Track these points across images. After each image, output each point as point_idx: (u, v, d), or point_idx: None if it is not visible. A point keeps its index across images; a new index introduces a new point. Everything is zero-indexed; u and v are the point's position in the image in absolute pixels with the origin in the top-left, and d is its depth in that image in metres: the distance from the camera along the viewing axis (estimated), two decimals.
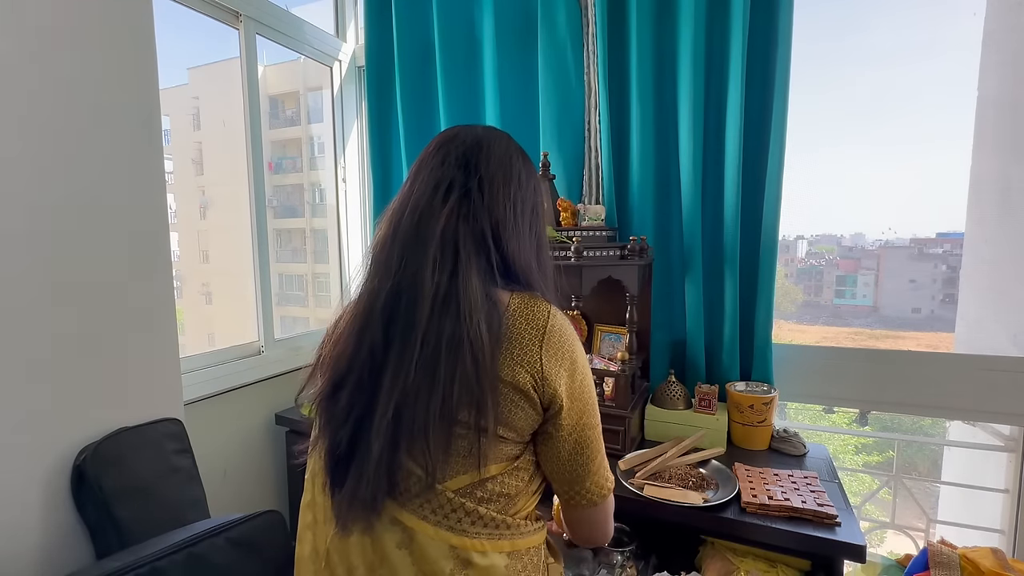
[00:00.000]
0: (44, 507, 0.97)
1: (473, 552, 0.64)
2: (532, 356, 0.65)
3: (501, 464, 0.66)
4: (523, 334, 0.65)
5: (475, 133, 0.76)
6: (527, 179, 0.75)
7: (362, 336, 0.65)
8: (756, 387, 1.41)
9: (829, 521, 1.01)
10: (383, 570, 0.64)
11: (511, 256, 0.70)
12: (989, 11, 1.51)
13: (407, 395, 0.61)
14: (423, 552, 0.63)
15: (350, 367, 0.65)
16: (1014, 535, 1.44)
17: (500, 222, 0.70)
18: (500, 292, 0.68)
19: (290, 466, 1.70)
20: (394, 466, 0.62)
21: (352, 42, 2.06)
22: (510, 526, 0.67)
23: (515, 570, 0.66)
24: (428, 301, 0.63)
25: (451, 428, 0.62)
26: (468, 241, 0.67)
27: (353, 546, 0.65)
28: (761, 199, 1.42)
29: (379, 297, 0.66)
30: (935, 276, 2.04)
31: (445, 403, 0.61)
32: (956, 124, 1.61)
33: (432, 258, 0.65)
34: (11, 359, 0.93)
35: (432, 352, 0.62)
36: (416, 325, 0.63)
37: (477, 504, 0.65)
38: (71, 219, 1.01)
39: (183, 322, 2.22)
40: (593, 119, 1.57)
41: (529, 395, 0.65)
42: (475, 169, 0.71)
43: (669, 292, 1.53)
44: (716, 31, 1.41)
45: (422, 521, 0.63)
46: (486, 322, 0.63)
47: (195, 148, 2.37)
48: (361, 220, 2.12)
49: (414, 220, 0.67)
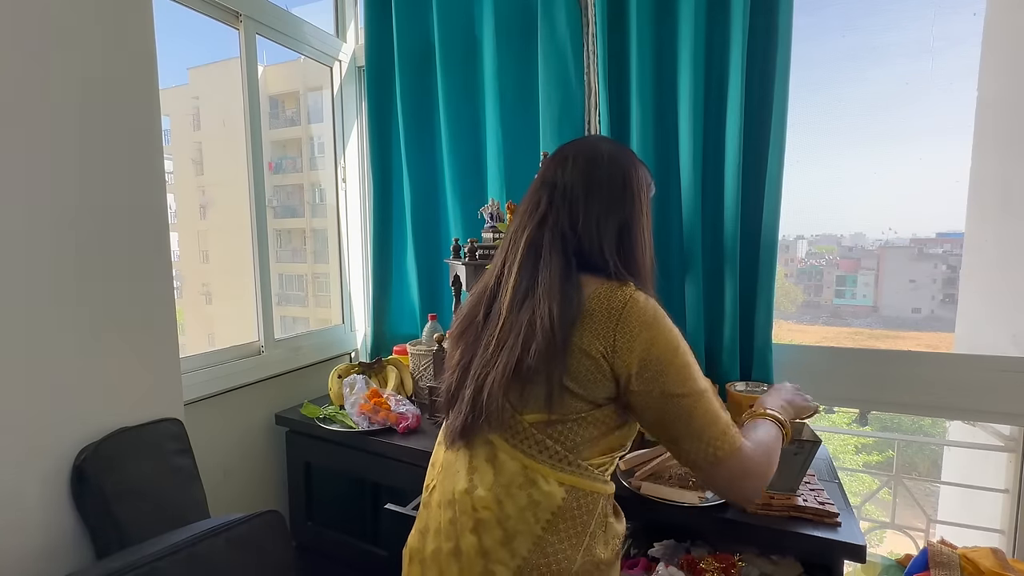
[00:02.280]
0: (44, 507, 0.98)
1: (538, 475, 0.79)
2: (607, 332, 0.78)
3: (571, 413, 0.80)
4: (599, 314, 0.79)
5: (567, 149, 0.92)
6: (609, 180, 0.87)
7: (472, 312, 0.90)
8: (756, 387, 1.40)
9: (830, 520, 1.00)
10: (476, 476, 0.82)
11: (587, 251, 0.84)
12: (989, 11, 1.51)
13: (487, 360, 0.82)
14: (502, 467, 0.80)
15: (463, 332, 0.89)
16: (1014, 535, 1.44)
17: (576, 221, 0.85)
18: (587, 279, 0.82)
19: (290, 466, 1.70)
20: (479, 402, 0.81)
21: (352, 42, 2.06)
22: (571, 463, 0.80)
23: (570, 505, 0.79)
24: (510, 291, 0.84)
25: (529, 376, 0.79)
26: (549, 243, 0.84)
27: (458, 457, 0.85)
28: (761, 199, 1.42)
29: (487, 287, 0.90)
30: (935, 276, 2.04)
31: (519, 362, 0.78)
32: (956, 124, 1.60)
33: (520, 259, 0.85)
34: (11, 359, 0.93)
35: (509, 332, 0.81)
36: (501, 309, 0.84)
37: (546, 437, 0.80)
38: (71, 219, 1.01)
39: (183, 322, 2.22)
40: (593, 119, 1.56)
41: (599, 363, 0.78)
42: (558, 182, 0.88)
43: (669, 292, 1.53)
44: (716, 31, 1.41)
45: (504, 442, 0.81)
46: (559, 306, 0.78)
47: (195, 148, 2.37)
48: (361, 220, 2.12)
49: (513, 229, 0.90)
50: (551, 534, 0.77)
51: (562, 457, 0.79)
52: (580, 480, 0.80)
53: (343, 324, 2.10)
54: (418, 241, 1.86)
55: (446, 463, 0.87)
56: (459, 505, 0.82)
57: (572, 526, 0.79)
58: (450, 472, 0.85)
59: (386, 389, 1.62)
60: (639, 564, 1.13)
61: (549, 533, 0.77)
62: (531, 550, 0.77)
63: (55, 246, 0.99)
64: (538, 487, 0.78)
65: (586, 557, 0.79)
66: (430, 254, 1.89)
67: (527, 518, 0.77)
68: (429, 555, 0.84)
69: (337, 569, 1.64)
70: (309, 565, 1.67)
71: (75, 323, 1.02)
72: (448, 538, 0.82)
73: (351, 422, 1.52)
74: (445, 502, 0.84)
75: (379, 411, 1.50)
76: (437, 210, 1.90)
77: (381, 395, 1.56)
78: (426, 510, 0.89)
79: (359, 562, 1.58)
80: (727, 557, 1.07)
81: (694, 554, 1.11)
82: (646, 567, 1.12)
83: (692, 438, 0.79)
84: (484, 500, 0.79)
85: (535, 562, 0.77)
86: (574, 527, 0.79)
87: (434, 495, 0.88)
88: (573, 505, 0.79)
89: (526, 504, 0.78)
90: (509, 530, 0.78)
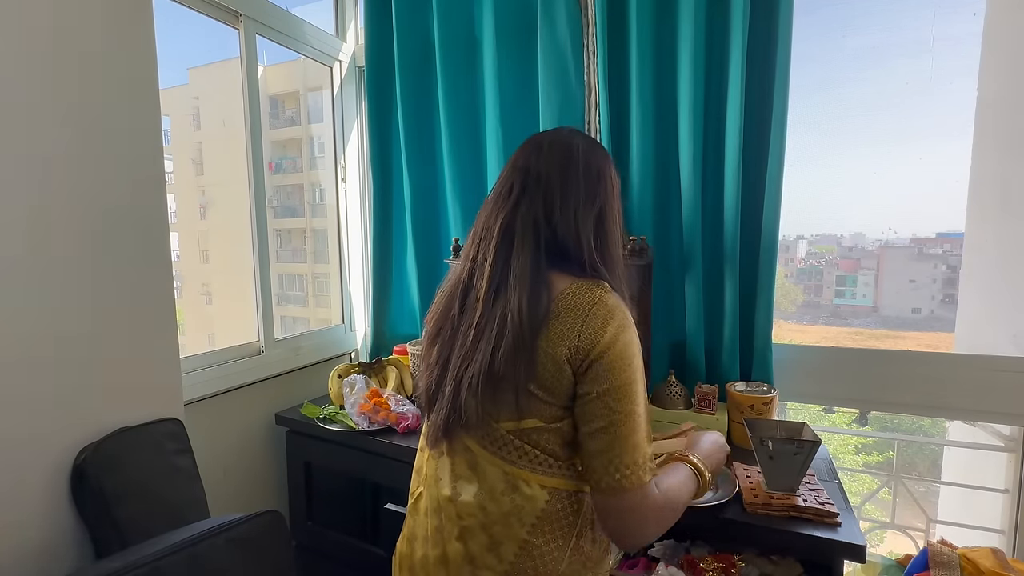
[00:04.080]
0: (44, 507, 0.98)
1: (520, 480, 0.78)
2: (572, 332, 0.76)
3: (541, 420, 0.78)
4: (567, 314, 0.77)
5: (540, 137, 0.89)
6: (585, 171, 0.84)
7: (448, 305, 0.86)
8: (756, 387, 1.41)
9: (830, 520, 1.00)
10: (459, 483, 0.81)
11: (562, 241, 0.81)
12: (989, 11, 1.51)
13: (466, 354, 0.79)
14: (484, 473, 0.79)
15: (439, 329, 0.86)
16: (1014, 535, 1.44)
17: (551, 211, 0.82)
18: (557, 276, 0.80)
19: (290, 466, 1.70)
20: (459, 403, 0.79)
21: (352, 42, 2.06)
22: (551, 465, 0.78)
23: (555, 507, 0.78)
24: (486, 281, 0.80)
25: (498, 382, 0.77)
26: (522, 230, 0.81)
27: (440, 464, 0.84)
28: (761, 199, 1.41)
29: (460, 277, 0.86)
30: (935, 276, 2.04)
31: (491, 363, 0.76)
32: (956, 124, 1.60)
33: (495, 246, 0.81)
34: (12, 359, 0.93)
35: (485, 324, 0.78)
36: (476, 301, 0.81)
37: (524, 442, 0.78)
38: (71, 219, 1.01)
39: (183, 322, 2.22)
40: (593, 119, 1.56)
41: (562, 366, 0.76)
42: (532, 168, 0.84)
43: (669, 292, 1.53)
44: (716, 31, 1.41)
45: (483, 449, 0.80)
46: (528, 302, 0.76)
47: (195, 148, 2.37)
48: (361, 220, 2.12)
49: (486, 215, 0.86)
50: (537, 537, 0.77)
51: (542, 461, 0.78)
52: (563, 481, 0.79)
53: (343, 324, 2.10)
54: (418, 241, 1.86)
55: (429, 470, 0.87)
56: (444, 512, 0.81)
57: (558, 527, 0.78)
58: (434, 479, 0.85)
59: (386, 389, 1.62)
60: (639, 564, 1.13)
61: (535, 536, 0.77)
62: (518, 554, 0.77)
63: (55, 246, 0.99)
64: (520, 492, 0.77)
65: (574, 556, 0.78)
66: (430, 254, 1.89)
67: (512, 523, 0.77)
68: (418, 562, 0.85)
69: (337, 569, 1.64)
70: (309, 565, 1.67)
71: (75, 323, 1.02)
72: (435, 545, 0.82)
73: (351, 422, 1.52)
74: (431, 509, 0.84)
75: (379, 411, 1.50)
76: (437, 210, 1.90)
77: (381, 395, 1.56)
78: (412, 517, 0.89)
79: (359, 562, 1.58)
80: (727, 557, 1.07)
81: (694, 554, 1.11)
82: (646, 567, 1.12)
83: (604, 455, 0.74)
84: (468, 507, 0.79)
85: (522, 566, 0.76)
86: (560, 528, 0.78)
87: (420, 502, 0.87)
88: (558, 507, 0.78)
89: (510, 509, 0.77)
90: (495, 536, 0.77)
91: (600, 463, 0.75)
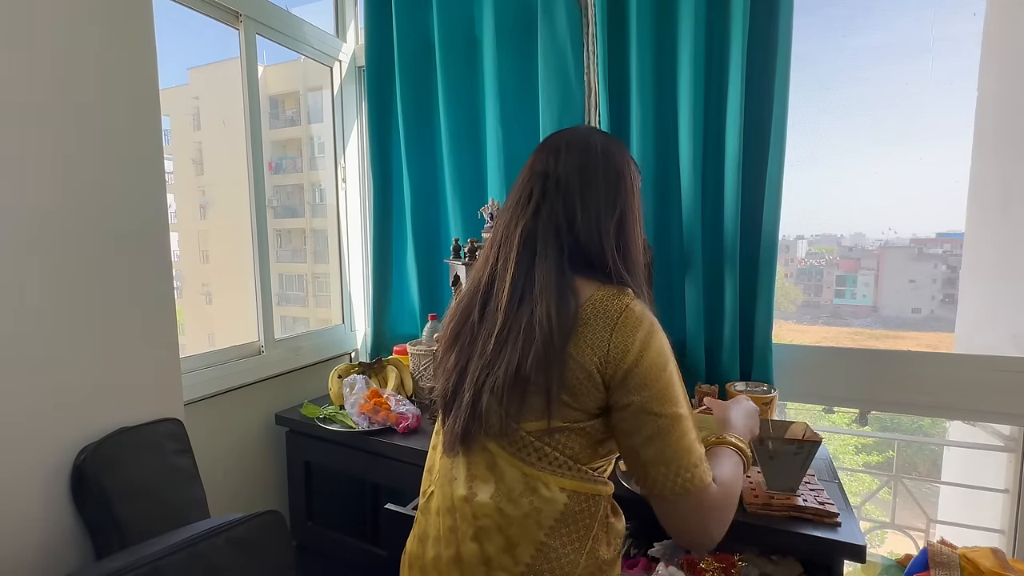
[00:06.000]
0: (44, 507, 0.98)
1: (539, 482, 0.77)
2: (602, 341, 0.76)
3: (568, 422, 0.78)
4: (595, 323, 0.77)
5: (557, 139, 0.88)
6: (604, 172, 0.84)
7: (466, 312, 0.85)
8: (756, 387, 1.41)
9: (830, 520, 1.00)
10: (475, 483, 0.80)
11: (585, 246, 0.81)
12: (989, 11, 1.51)
13: (487, 362, 0.79)
14: (503, 474, 0.79)
15: (457, 335, 0.85)
16: (1014, 535, 1.44)
17: (572, 217, 0.81)
18: (582, 283, 0.80)
19: (290, 466, 1.70)
20: (479, 410, 0.79)
21: (352, 42, 2.06)
22: (571, 468, 0.78)
23: (573, 510, 0.78)
24: (508, 289, 0.80)
25: (526, 386, 0.77)
26: (544, 237, 0.81)
27: (456, 463, 0.83)
28: (761, 199, 1.42)
29: (480, 284, 0.85)
30: (935, 276, 2.04)
31: (518, 370, 0.76)
32: (956, 124, 1.60)
33: (516, 253, 0.81)
34: (12, 359, 0.93)
35: (509, 331, 0.78)
36: (498, 307, 0.80)
37: (545, 444, 0.78)
38: (71, 219, 1.01)
39: (183, 322, 2.22)
40: (593, 119, 1.56)
41: (592, 375, 0.76)
42: (551, 172, 0.84)
43: (669, 292, 1.53)
44: (716, 31, 1.41)
45: (502, 450, 0.80)
46: (555, 309, 0.76)
47: (195, 148, 2.37)
48: (361, 220, 2.12)
49: (504, 222, 0.86)
50: (554, 539, 0.77)
51: (562, 463, 0.78)
52: (581, 484, 0.79)
53: (343, 324, 2.10)
54: (418, 241, 1.86)
55: (443, 469, 0.86)
56: (459, 512, 0.81)
57: (575, 530, 0.78)
58: (448, 478, 0.84)
59: (386, 389, 1.62)
60: (639, 564, 1.13)
61: (552, 539, 0.77)
62: (534, 556, 0.76)
63: (55, 246, 0.99)
64: (539, 494, 0.77)
65: (589, 559, 0.78)
66: (430, 254, 1.89)
67: (529, 525, 0.77)
68: (429, 562, 0.84)
69: (337, 569, 1.64)
70: (309, 565, 1.67)
71: (75, 323, 1.02)
72: (448, 545, 0.81)
73: (351, 422, 1.52)
74: (444, 509, 0.83)
75: (379, 411, 1.50)
76: (437, 210, 1.90)
77: (381, 395, 1.56)
78: (424, 516, 0.89)
79: (359, 562, 1.58)
80: (727, 557, 1.07)
81: (694, 554, 1.11)
82: (646, 567, 1.12)
83: (662, 463, 0.74)
84: (485, 507, 0.79)
85: (539, 568, 0.76)
86: (577, 531, 0.78)
87: (432, 501, 0.87)
88: (576, 509, 0.78)
89: (528, 511, 0.77)
90: (511, 537, 0.77)
91: (659, 471, 0.75)
